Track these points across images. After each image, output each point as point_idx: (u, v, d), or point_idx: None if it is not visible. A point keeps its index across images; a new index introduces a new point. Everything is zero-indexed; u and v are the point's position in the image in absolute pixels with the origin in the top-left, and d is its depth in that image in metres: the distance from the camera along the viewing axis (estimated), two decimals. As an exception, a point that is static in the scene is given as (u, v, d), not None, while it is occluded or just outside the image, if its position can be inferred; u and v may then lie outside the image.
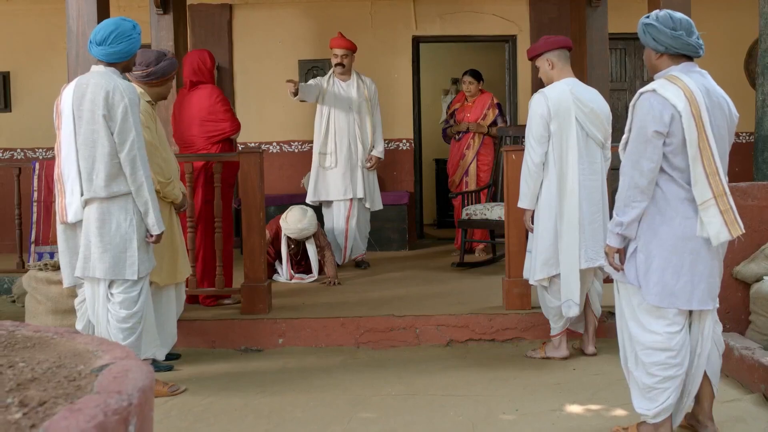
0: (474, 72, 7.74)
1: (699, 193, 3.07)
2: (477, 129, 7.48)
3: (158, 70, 4.39)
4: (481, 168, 7.54)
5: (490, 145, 7.57)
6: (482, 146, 7.54)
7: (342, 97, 6.82)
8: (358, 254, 6.99)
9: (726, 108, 3.18)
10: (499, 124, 7.54)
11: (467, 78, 7.70)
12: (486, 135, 7.51)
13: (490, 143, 7.57)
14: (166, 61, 4.43)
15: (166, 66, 4.43)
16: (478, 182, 7.50)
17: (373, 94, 6.92)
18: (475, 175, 7.54)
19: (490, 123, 7.54)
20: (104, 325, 3.91)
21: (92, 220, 3.83)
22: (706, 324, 3.21)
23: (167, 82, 4.49)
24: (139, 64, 4.34)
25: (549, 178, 4.47)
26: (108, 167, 3.78)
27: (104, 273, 3.83)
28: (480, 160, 7.54)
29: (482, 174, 7.54)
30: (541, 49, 4.61)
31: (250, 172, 5.00)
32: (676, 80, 3.10)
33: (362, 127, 6.85)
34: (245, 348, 4.99)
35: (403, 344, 5.00)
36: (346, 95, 6.83)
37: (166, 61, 4.44)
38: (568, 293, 4.47)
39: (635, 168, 3.10)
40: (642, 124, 3.09)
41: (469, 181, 7.54)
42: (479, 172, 7.54)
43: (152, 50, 4.52)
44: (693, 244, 3.10)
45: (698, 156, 3.05)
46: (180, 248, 4.43)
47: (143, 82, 4.38)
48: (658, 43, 3.17)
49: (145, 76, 4.36)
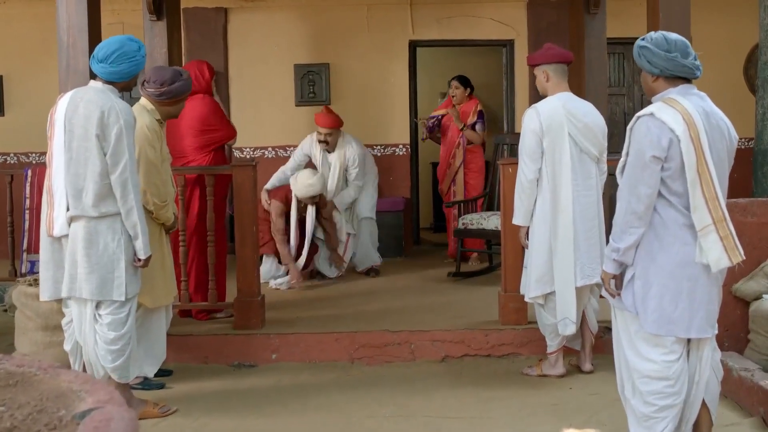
0: (461, 78, 7.70)
1: (698, 219, 3.01)
2: (457, 116, 7.39)
3: (172, 90, 4.25)
4: (469, 175, 7.49)
5: (477, 152, 7.50)
6: (468, 153, 7.47)
7: (327, 164, 6.99)
8: (372, 264, 7.08)
9: (725, 131, 3.11)
10: (478, 130, 7.46)
11: (454, 83, 7.67)
12: (461, 130, 7.42)
13: (477, 150, 7.50)
14: (180, 82, 4.28)
15: (181, 86, 4.28)
16: (467, 189, 7.45)
17: (352, 162, 6.96)
18: (462, 183, 7.48)
19: (470, 127, 7.44)
20: (92, 346, 3.84)
21: (79, 239, 3.76)
22: (705, 351, 3.15)
23: (179, 102, 4.36)
24: (153, 82, 4.22)
25: (543, 194, 4.42)
26: (98, 187, 3.72)
27: (91, 294, 3.77)
28: (467, 167, 7.47)
29: (471, 181, 7.48)
30: (539, 60, 4.54)
31: (243, 184, 4.94)
32: (674, 103, 3.04)
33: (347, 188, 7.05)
34: (238, 363, 4.93)
35: (398, 359, 4.95)
36: (330, 162, 7.00)
37: (181, 82, 4.28)
38: (564, 311, 4.42)
39: (632, 193, 3.04)
40: (639, 149, 3.02)
41: (456, 190, 7.49)
42: (467, 179, 7.48)
43: (169, 68, 4.42)
44: (692, 270, 3.04)
45: (697, 181, 2.99)
46: (169, 269, 4.34)
47: (155, 100, 4.27)
48: (653, 65, 3.11)
49: (158, 95, 4.23)
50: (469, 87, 7.64)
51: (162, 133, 4.30)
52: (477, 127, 7.47)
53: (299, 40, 8.39)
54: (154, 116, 4.21)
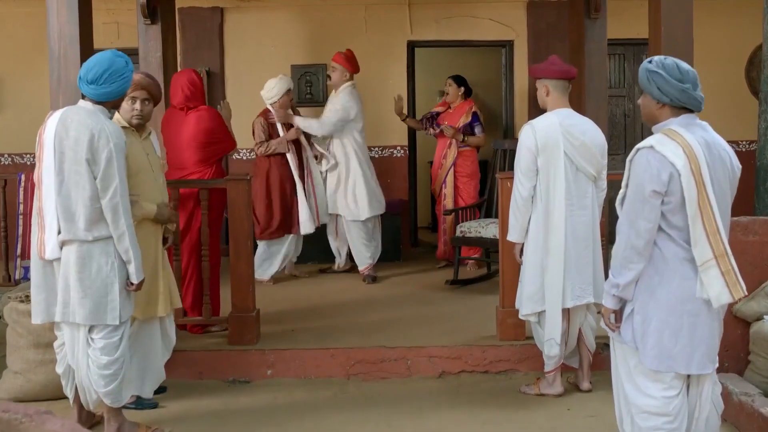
0: (456, 77, 7.60)
1: (699, 254, 2.94)
2: (453, 135, 7.30)
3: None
4: (459, 179, 7.39)
5: (470, 156, 7.39)
6: (459, 156, 7.37)
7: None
8: (362, 267, 6.98)
9: (728, 161, 3.04)
10: (477, 133, 7.38)
11: (449, 80, 7.58)
12: (462, 143, 7.33)
13: (470, 154, 7.39)
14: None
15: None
16: (456, 192, 7.38)
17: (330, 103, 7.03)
18: (452, 186, 7.41)
19: (462, 129, 7.34)
20: (85, 371, 3.80)
21: (71, 263, 3.70)
22: (705, 387, 3.10)
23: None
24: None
25: (536, 212, 4.37)
26: (89, 212, 3.65)
27: (85, 318, 3.71)
28: (457, 171, 7.39)
29: (460, 185, 7.40)
30: (541, 74, 4.46)
31: (237, 200, 4.87)
32: (675, 135, 2.96)
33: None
34: (233, 379, 4.87)
35: (394, 375, 4.89)
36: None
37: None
38: (550, 331, 4.38)
39: (632, 228, 2.97)
40: (639, 183, 2.96)
41: (447, 192, 7.42)
42: (457, 183, 7.40)
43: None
44: (692, 305, 2.98)
45: (698, 215, 2.92)
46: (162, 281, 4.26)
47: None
48: (663, 93, 3.02)
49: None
50: (463, 87, 7.53)
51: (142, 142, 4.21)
52: (476, 130, 7.38)
53: (296, 41, 8.29)
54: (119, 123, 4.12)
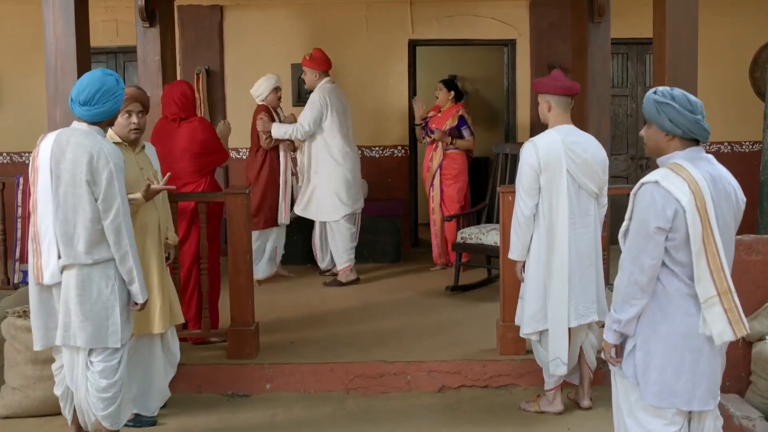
0: (447, 81, 7.58)
1: (702, 291, 2.91)
2: (440, 137, 7.27)
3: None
4: (444, 182, 7.37)
5: (457, 158, 7.35)
6: (445, 158, 7.33)
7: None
8: (337, 266, 6.99)
9: (732, 195, 3.00)
10: (465, 137, 7.34)
11: (439, 85, 7.55)
12: (451, 145, 7.30)
13: (456, 156, 7.34)
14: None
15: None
16: (442, 197, 7.36)
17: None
18: (439, 189, 7.38)
19: (449, 132, 7.30)
20: (83, 393, 3.78)
21: (72, 286, 3.67)
22: (707, 422, 3.07)
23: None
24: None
25: (539, 231, 4.33)
26: (90, 234, 3.62)
27: (85, 342, 3.69)
28: (443, 173, 7.36)
29: (445, 188, 7.37)
30: (543, 89, 4.40)
31: (236, 213, 4.83)
32: (681, 170, 2.91)
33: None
34: (232, 393, 4.86)
35: (394, 390, 4.88)
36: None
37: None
38: (555, 351, 4.35)
39: (635, 264, 2.93)
40: (643, 218, 2.91)
41: (434, 195, 7.41)
42: (443, 186, 7.38)
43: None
44: (695, 342, 2.95)
45: (702, 252, 2.88)
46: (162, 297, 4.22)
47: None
48: (675, 125, 2.96)
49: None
50: (453, 91, 7.48)
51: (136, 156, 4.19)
52: (464, 133, 7.34)
53: (296, 39, 8.21)
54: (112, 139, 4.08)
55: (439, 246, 7.42)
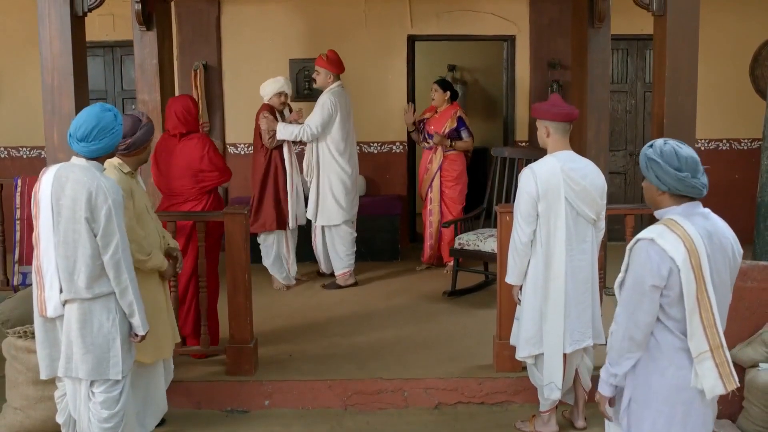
0: (441, 81, 7.54)
1: (695, 346, 2.94)
2: (440, 142, 7.27)
3: (137, 141, 4.14)
4: (445, 183, 7.39)
5: (457, 160, 7.36)
6: (445, 160, 7.34)
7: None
8: (336, 271, 7.02)
9: (729, 249, 3.01)
10: (464, 138, 7.33)
11: (434, 86, 7.51)
12: (450, 148, 7.29)
13: (457, 158, 7.36)
14: (142, 130, 4.16)
15: (144, 134, 4.16)
16: (442, 197, 7.38)
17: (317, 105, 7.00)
18: (438, 190, 7.39)
19: (448, 134, 7.29)
20: (86, 423, 3.84)
21: (73, 320, 3.71)
22: (698, 469, 3.13)
23: (147, 148, 4.27)
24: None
25: (536, 257, 4.35)
26: (90, 269, 3.64)
27: (87, 374, 3.74)
28: (443, 175, 7.37)
29: (446, 189, 7.39)
30: (542, 116, 4.39)
31: (234, 232, 4.85)
32: (676, 227, 2.93)
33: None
34: (231, 409, 4.92)
35: (390, 407, 4.94)
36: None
37: (143, 129, 4.16)
38: (550, 375, 4.39)
39: (631, 319, 2.97)
40: (639, 276, 2.94)
41: (433, 197, 7.41)
42: (443, 188, 7.39)
43: (127, 117, 4.25)
44: (686, 395, 2.99)
45: (696, 308, 2.91)
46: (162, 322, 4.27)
47: (122, 154, 4.14)
48: (661, 181, 2.99)
49: (124, 149, 4.12)
50: (449, 91, 7.45)
51: (137, 184, 4.19)
52: (463, 135, 7.33)
53: (295, 34, 8.17)
54: (122, 170, 4.09)
55: (433, 247, 7.45)
